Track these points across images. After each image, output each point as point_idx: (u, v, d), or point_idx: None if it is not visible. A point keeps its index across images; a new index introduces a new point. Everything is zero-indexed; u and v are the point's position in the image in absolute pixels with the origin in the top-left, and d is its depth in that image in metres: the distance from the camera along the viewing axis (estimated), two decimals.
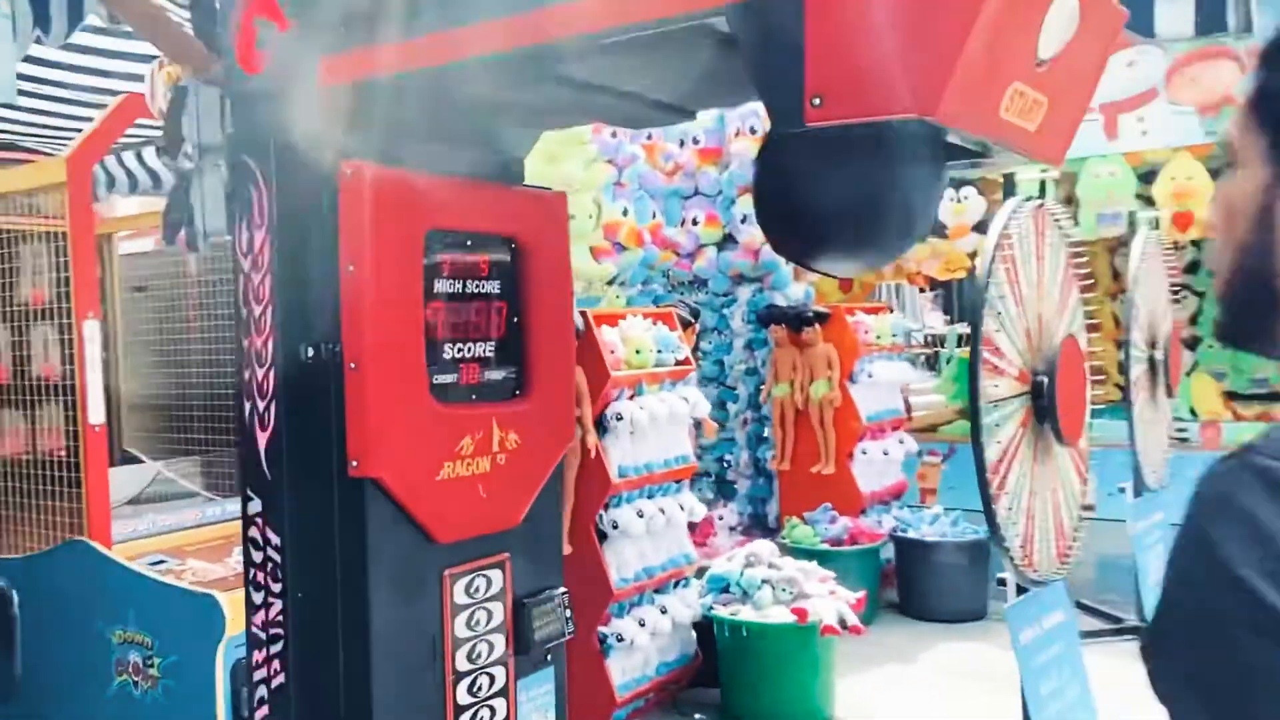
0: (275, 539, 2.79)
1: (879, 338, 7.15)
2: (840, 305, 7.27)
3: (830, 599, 5.11)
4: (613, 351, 5.03)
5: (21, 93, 5.89)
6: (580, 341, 4.78)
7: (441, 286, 2.90)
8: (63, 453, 4.73)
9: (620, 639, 4.90)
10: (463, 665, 2.92)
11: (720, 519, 7.18)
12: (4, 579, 4.56)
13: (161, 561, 4.86)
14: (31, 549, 4.74)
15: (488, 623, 2.96)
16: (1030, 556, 3.83)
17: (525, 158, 3.33)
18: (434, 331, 2.86)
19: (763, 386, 7.37)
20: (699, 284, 7.63)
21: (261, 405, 2.80)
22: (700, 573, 5.45)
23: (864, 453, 6.91)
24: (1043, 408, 3.82)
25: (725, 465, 7.92)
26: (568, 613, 3.31)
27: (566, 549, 4.70)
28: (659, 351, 5.25)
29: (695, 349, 7.61)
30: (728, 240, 7.37)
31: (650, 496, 5.16)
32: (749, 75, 2.29)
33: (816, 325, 6.89)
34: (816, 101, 2.16)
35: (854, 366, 6.99)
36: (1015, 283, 3.83)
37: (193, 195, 3.17)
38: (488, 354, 3.02)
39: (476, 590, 3.00)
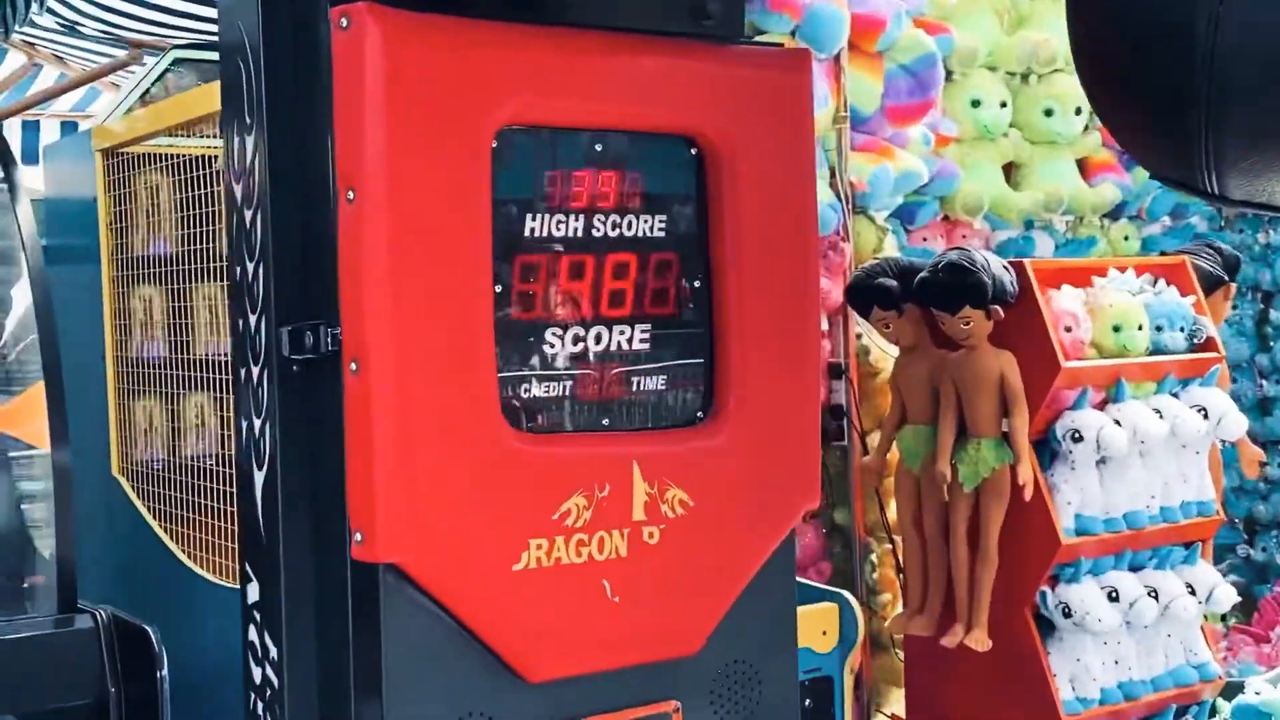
0: (274, 650, 2.53)
1: None
2: None
3: None
4: (1069, 329, 4.17)
5: None
6: (1010, 312, 4.03)
7: (542, 227, 2.54)
8: None
9: None
10: None
11: None
12: (155, 626, 4.38)
13: None
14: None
15: None
16: None
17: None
18: (523, 306, 2.53)
19: None
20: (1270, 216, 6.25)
21: (258, 426, 2.54)
22: (1229, 694, 4.60)
23: None
24: None
25: None
26: None
27: (983, 644, 4.14)
28: (1157, 329, 4.34)
29: (1264, 324, 6.55)
30: None
31: (1134, 568, 4.32)
32: None
33: None
34: None
35: None
36: None
37: None
38: (637, 345, 2.66)
39: None
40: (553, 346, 2.54)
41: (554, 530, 2.46)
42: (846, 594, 4.07)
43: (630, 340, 2.62)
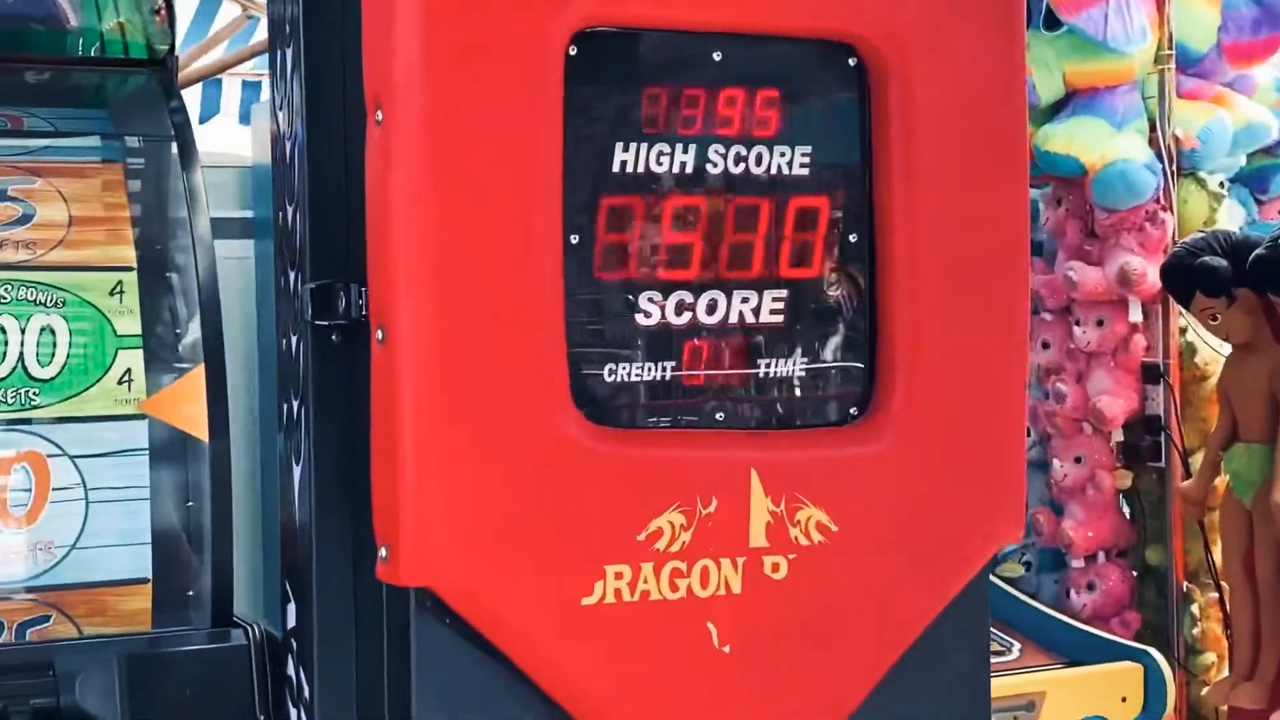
0: (307, 691, 2.42)
1: None
2: None
3: None
4: None
5: None
6: None
7: (637, 160, 2.32)
8: None
9: None
10: None
11: None
12: (281, 631, 4.41)
13: None
14: None
15: None
16: None
17: None
18: (610, 263, 2.33)
19: None
20: None
21: (295, 409, 2.44)
22: None
23: None
24: None
25: None
26: None
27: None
28: None
29: None
30: None
31: None
32: None
33: None
34: None
35: None
36: None
37: None
38: (767, 318, 2.43)
39: None
40: (649, 316, 2.28)
41: (639, 555, 2.21)
42: (1154, 652, 3.95)
43: (757, 311, 2.35)
